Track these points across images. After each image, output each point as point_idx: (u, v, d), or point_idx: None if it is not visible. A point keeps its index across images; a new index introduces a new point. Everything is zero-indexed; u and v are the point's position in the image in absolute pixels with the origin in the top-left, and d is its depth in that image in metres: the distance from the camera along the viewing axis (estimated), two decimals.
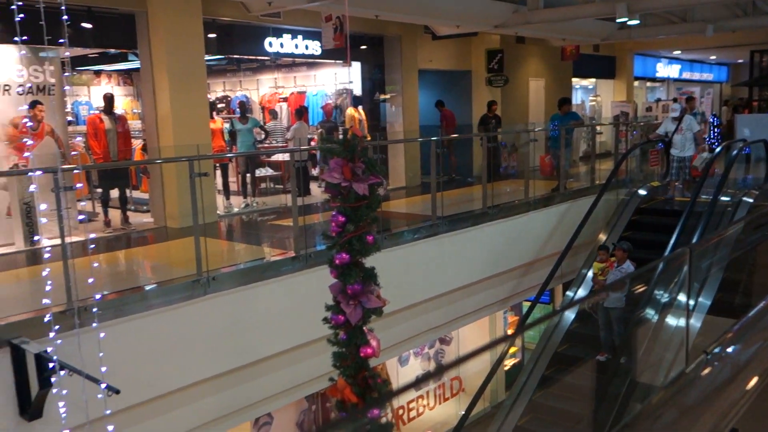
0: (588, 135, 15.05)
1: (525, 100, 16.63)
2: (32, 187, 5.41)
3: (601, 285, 8.56)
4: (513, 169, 14.03)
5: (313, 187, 12.03)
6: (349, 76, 13.61)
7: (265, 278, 6.39)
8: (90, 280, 4.81)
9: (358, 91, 13.62)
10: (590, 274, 9.15)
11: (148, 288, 5.90)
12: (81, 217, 7.93)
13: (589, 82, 22.30)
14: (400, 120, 13.37)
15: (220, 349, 5.94)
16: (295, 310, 6.47)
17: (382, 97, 13.52)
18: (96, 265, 5.11)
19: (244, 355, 6.09)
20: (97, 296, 4.84)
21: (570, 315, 9.21)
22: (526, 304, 11.54)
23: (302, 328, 6.38)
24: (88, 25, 8.80)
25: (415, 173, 13.02)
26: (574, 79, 19.30)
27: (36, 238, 7.60)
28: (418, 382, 9.50)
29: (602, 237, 10.40)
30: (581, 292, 9.53)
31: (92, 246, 5.18)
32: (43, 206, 5.01)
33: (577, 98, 20.96)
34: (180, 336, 5.69)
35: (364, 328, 3.86)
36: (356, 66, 13.43)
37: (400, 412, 11.11)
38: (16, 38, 4.77)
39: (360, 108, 12.72)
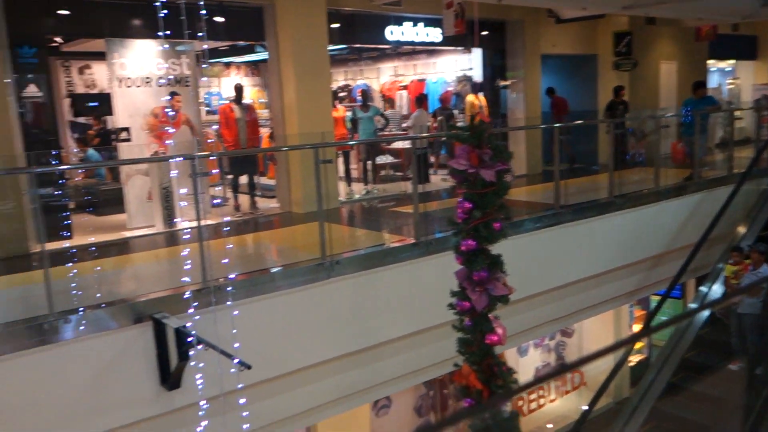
0: (725, 120, 14.04)
1: (655, 84, 15.75)
2: (173, 173, 5.77)
3: (734, 289, 7.97)
4: (641, 156, 13.36)
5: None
6: (470, 63, 13.45)
7: (385, 264, 6.47)
8: (224, 261, 5.07)
9: (478, 77, 13.46)
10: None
11: (275, 270, 6.15)
12: (217, 200, 8.37)
13: (727, 64, 20.80)
14: (522, 106, 13.09)
15: (343, 331, 6.09)
16: (415, 295, 6.52)
17: (503, 83, 13.28)
18: (230, 246, 5.37)
19: (365, 339, 6.21)
20: (231, 276, 5.09)
21: (701, 317, 8.67)
22: (655, 298, 11.00)
23: (422, 314, 6.43)
24: (220, 19, 9.23)
25: (536, 161, 12.72)
26: (710, 61, 18.06)
27: (176, 220, 8.11)
28: (544, 379, 9.25)
29: (741, 230, 9.71)
30: (716, 288, 8.95)
31: (226, 229, 5.45)
32: (183, 191, 5.33)
33: (713, 81, 19.63)
34: (304, 317, 5.88)
35: (490, 315, 3.82)
36: (477, 52, 13.25)
37: (520, 403, 10.95)
38: (159, 33, 5.08)
39: (480, 95, 12.56)
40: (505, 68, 13.24)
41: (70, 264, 6.10)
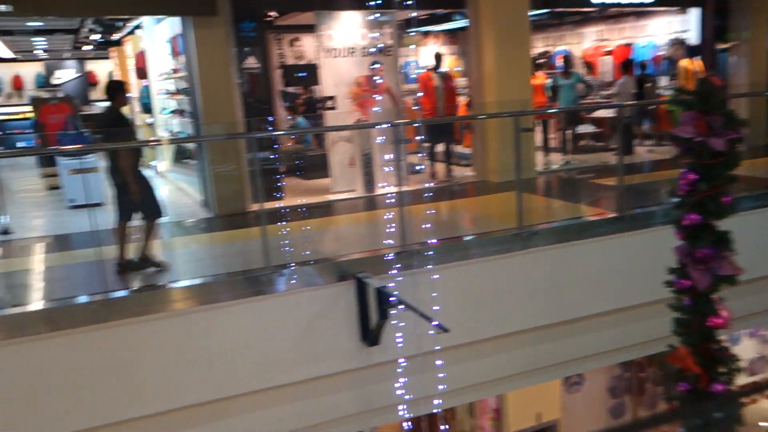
0: None
1: None
2: (379, 139, 5.99)
3: None
4: None
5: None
6: (685, 24, 12.34)
7: (584, 237, 6.23)
8: (425, 226, 5.18)
9: (694, 40, 12.33)
10: None
11: (472, 238, 6.17)
12: (419, 167, 8.53)
13: None
14: (744, 71, 11.79)
15: (538, 303, 5.98)
16: (616, 272, 6.21)
17: (723, 46, 12.03)
18: (430, 212, 5.48)
19: (560, 312, 6.05)
20: (431, 241, 5.18)
21: None
22: None
23: (622, 292, 6.14)
24: None
25: (759, 132, 11.43)
26: None
27: (381, 185, 8.41)
28: None
29: None
30: None
31: (427, 195, 5.56)
32: (386, 157, 5.51)
33: None
34: (500, 286, 5.85)
35: (714, 296, 3.52)
36: (694, 12, 12.12)
37: None
38: (369, 3, 5.21)
39: (696, 59, 11.51)
40: (726, 29, 11.97)
41: (282, 223, 6.59)
